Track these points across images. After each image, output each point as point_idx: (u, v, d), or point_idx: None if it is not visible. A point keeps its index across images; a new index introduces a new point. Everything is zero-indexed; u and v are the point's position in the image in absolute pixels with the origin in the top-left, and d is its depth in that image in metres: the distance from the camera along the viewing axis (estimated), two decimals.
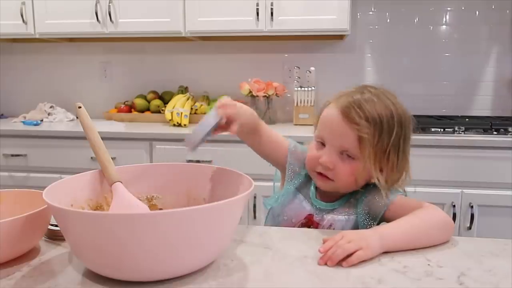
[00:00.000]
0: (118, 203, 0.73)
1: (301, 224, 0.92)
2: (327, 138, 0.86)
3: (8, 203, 0.77)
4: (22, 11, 2.25)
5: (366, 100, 0.83)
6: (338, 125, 0.83)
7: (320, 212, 0.91)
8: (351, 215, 0.90)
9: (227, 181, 0.76)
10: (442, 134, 1.87)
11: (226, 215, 0.61)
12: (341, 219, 0.90)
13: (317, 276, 0.63)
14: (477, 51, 2.32)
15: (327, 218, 0.90)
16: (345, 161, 0.84)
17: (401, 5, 2.34)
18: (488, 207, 1.81)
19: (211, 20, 2.15)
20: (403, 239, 0.73)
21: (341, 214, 0.90)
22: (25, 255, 0.69)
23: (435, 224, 0.77)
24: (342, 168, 0.84)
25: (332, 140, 0.85)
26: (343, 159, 0.84)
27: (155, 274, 0.59)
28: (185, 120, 2.16)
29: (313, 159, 0.88)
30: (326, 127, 0.86)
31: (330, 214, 0.90)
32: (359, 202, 0.90)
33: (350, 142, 0.82)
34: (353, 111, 0.82)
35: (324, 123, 0.87)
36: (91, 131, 0.77)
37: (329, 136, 0.86)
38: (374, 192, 0.88)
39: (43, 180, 2.01)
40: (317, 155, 0.87)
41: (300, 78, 2.29)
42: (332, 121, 0.85)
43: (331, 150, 0.85)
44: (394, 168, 0.85)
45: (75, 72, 2.65)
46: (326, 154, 0.85)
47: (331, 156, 0.85)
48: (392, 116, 0.84)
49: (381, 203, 0.86)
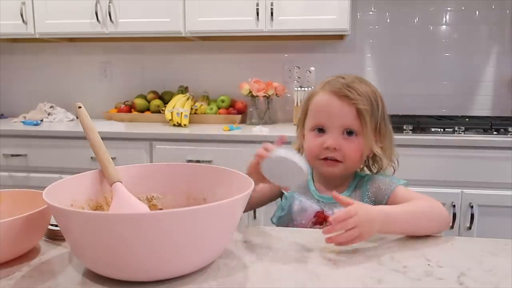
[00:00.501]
0: (118, 203, 0.73)
1: (313, 223, 0.92)
2: (327, 122, 0.89)
3: (8, 203, 0.77)
4: (22, 11, 2.25)
5: (352, 81, 0.90)
6: (336, 106, 0.88)
7: (329, 206, 0.92)
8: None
9: (227, 181, 0.76)
10: (442, 134, 1.87)
11: (226, 215, 0.61)
12: None
13: (317, 276, 0.63)
14: (477, 51, 2.32)
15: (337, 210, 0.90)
16: (348, 140, 0.89)
17: (401, 5, 2.34)
18: (488, 207, 1.81)
19: (211, 20, 2.15)
20: (401, 227, 0.77)
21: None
22: (25, 255, 0.69)
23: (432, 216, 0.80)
24: (348, 146, 0.88)
25: (333, 122, 0.89)
26: (346, 138, 0.89)
27: (155, 274, 0.59)
28: (185, 120, 2.17)
29: (316, 147, 0.90)
30: (324, 112, 0.90)
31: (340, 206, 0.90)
32: (364, 192, 0.92)
33: (351, 118, 0.88)
34: (346, 90, 0.88)
35: (319, 110, 0.91)
36: (91, 131, 0.77)
37: (328, 119, 0.89)
38: (378, 181, 0.92)
39: (43, 180, 2.01)
40: (319, 142, 0.90)
41: (300, 78, 2.29)
42: (329, 104, 0.89)
43: (334, 132, 0.89)
44: (386, 141, 0.92)
45: (75, 72, 2.65)
46: (330, 137, 0.88)
47: (335, 138, 0.88)
48: (374, 93, 0.91)
49: (384, 192, 0.90)
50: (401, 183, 0.91)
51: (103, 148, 0.77)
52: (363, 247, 0.74)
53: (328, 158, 0.89)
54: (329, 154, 0.89)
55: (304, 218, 0.93)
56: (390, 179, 0.92)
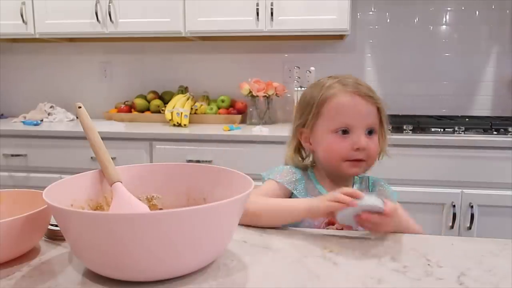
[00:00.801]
0: (118, 203, 0.73)
1: (326, 224, 0.91)
2: (353, 122, 0.90)
3: (8, 203, 0.77)
4: (22, 11, 2.25)
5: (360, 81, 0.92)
6: (362, 106, 0.90)
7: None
8: None
9: (227, 181, 0.76)
10: (442, 134, 1.87)
11: (226, 215, 0.61)
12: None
13: (317, 276, 0.63)
14: (477, 51, 2.32)
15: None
16: (370, 139, 0.91)
17: (401, 5, 2.34)
18: (488, 207, 1.81)
19: (211, 20, 2.15)
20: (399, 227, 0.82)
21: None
22: (25, 255, 0.69)
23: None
24: (372, 145, 0.90)
25: (360, 122, 0.89)
26: (368, 137, 0.91)
27: (155, 274, 0.59)
28: (185, 120, 2.17)
29: (343, 149, 0.90)
30: (349, 113, 0.90)
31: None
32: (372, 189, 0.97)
33: (374, 117, 0.91)
34: (365, 89, 0.90)
35: (343, 111, 0.90)
36: (91, 131, 0.77)
37: (354, 120, 0.90)
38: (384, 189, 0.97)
39: (43, 180, 2.01)
40: (348, 143, 0.89)
41: (300, 78, 2.29)
42: (355, 105, 0.90)
43: (360, 132, 0.89)
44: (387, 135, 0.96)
45: (75, 72, 2.65)
46: (360, 138, 0.89)
47: (363, 138, 0.89)
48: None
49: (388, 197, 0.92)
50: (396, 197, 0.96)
51: (103, 148, 0.77)
52: (363, 247, 0.74)
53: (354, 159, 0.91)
54: (357, 155, 0.90)
55: (317, 220, 0.92)
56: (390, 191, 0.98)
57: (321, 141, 0.93)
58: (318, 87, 0.94)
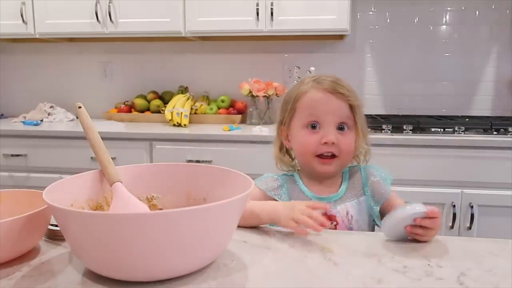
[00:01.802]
0: (118, 203, 0.73)
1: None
2: (323, 117, 0.91)
3: (8, 203, 0.77)
4: (22, 11, 2.25)
5: (338, 80, 0.94)
6: (332, 102, 0.91)
7: (331, 205, 0.92)
8: (360, 196, 0.95)
9: (227, 181, 0.76)
10: (442, 134, 1.87)
11: (226, 215, 0.61)
12: (354, 204, 0.94)
13: (317, 276, 0.63)
14: (477, 51, 2.32)
15: (341, 207, 0.93)
16: (342, 134, 0.91)
17: (401, 5, 2.34)
18: (488, 207, 1.81)
19: (211, 20, 2.15)
20: None
21: (351, 199, 0.94)
22: (25, 255, 0.69)
23: None
24: (344, 140, 0.91)
25: (329, 117, 0.91)
26: (340, 133, 0.91)
27: (155, 274, 0.59)
28: (185, 120, 2.17)
29: (312, 143, 0.91)
30: (319, 108, 0.92)
31: (342, 203, 0.94)
32: (365, 184, 0.95)
33: (346, 113, 0.91)
34: (338, 87, 0.91)
35: (314, 106, 0.92)
36: (91, 131, 0.77)
37: (325, 114, 0.91)
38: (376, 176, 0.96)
39: (43, 180, 2.01)
40: (316, 138, 0.91)
41: (300, 78, 2.29)
42: (326, 100, 0.91)
43: (330, 127, 0.91)
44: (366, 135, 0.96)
45: (75, 72, 2.65)
46: (328, 132, 0.90)
47: (332, 132, 0.90)
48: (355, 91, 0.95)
49: (383, 190, 0.94)
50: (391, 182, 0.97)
51: (103, 148, 0.77)
52: (363, 247, 0.74)
53: (324, 155, 0.91)
54: (326, 149, 0.90)
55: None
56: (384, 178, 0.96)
57: (295, 137, 0.96)
58: (296, 85, 0.99)
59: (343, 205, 0.93)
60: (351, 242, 0.77)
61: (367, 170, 0.98)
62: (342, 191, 0.95)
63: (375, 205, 0.94)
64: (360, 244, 0.76)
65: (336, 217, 0.91)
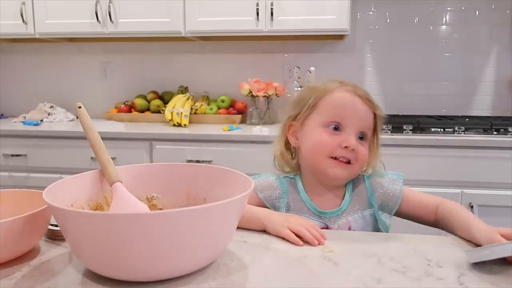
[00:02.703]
0: (118, 203, 0.73)
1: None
2: (348, 120, 0.86)
3: (8, 203, 0.77)
4: (22, 11, 2.25)
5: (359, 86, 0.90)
6: (360, 107, 0.87)
7: (333, 220, 0.89)
8: (365, 209, 0.90)
9: (227, 181, 0.76)
10: (442, 134, 1.87)
11: (226, 215, 0.61)
12: (357, 218, 0.89)
13: (317, 276, 0.63)
14: (477, 51, 2.32)
15: (343, 222, 0.89)
16: (361, 143, 0.87)
17: (401, 5, 2.34)
18: (488, 207, 1.81)
19: (211, 20, 2.15)
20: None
21: (354, 213, 0.90)
22: (25, 255, 0.69)
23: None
24: (362, 149, 0.86)
25: (354, 121, 0.86)
26: (359, 141, 0.87)
27: (155, 274, 0.59)
28: (185, 120, 2.17)
29: (330, 144, 0.85)
30: (346, 110, 0.86)
31: (344, 217, 0.89)
32: (370, 197, 0.91)
33: (370, 123, 0.88)
34: (366, 94, 0.88)
35: (340, 107, 0.87)
36: (91, 131, 0.77)
37: (349, 118, 0.86)
38: (381, 184, 0.91)
39: (43, 180, 2.01)
40: (336, 140, 0.85)
41: (300, 78, 2.29)
42: (354, 104, 0.87)
43: (351, 132, 0.86)
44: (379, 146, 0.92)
45: (75, 72, 2.65)
46: (350, 136, 0.85)
47: (354, 138, 0.85)
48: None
49: (392, 194, 0.89)
50: (401, 181, 0.92)
51: (103, 148, 0.77)
52: (363, 247, 0.74)
53: (339, 159, 0.85)
54: (344, 154, 0.85)
55: None
56: (390, 179, 0.92)
57: (309, 134, 0.89)
58: (318, 84, 0.93)
59: (345, 220, 0.89)
60: (351, 242, 0.77)
61: (372, 180, 0.93)
62: (345, 204, 0.90)
63: (386, 217, 0.90)
64: (360, 244, 0.76)
65: None
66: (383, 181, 0.92)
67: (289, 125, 0.94)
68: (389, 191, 0.90)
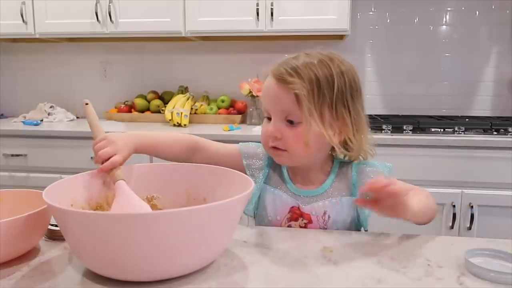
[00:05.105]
0: (120, 202, 0.73)
1: (288, 219, 0.87)
2: (270, 108, 0.84)
3: (8, 203, 0.77)
4: (22, 11, 2.25)
5: (297, 61, 0.83)
6: (274, 91, 0.82)
7: (308, 201, 0.87)
8: (344, 196, 0.87)
9: (227, 181, 0.76)
10: (442, 134, 1.87)
11: (226, 215, 0.61)
12: (335, 202, 0.86)
13: (317, 276, 0.63)
14: (477, 51, 2.32)
15: (318, 205, 0.86)
16: (291, 127, 0.81)
17: (401, 5, 2.34)
18: (488, 207, 1.81)
19: (211, 20, 2.15)
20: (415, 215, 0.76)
21: (334, 197, 0.86)
22: (25, 255, 0.69)
23: (432, 207, 0.85)
24: (289, 134, 0.81)
25: (273, 107, 0.83)
26: (289, 126, 0.82)
27: (155, 274, 0.59)
28: (185, 120, 2.17)
29: (264, 135, 0.86)
30: (267, 97, 0.84)
31: (320, 200, 0.86)
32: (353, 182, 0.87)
33: (289, 104, 0.80)
34: (285, 73, 0.81)
35: (264, 95, 0.86)
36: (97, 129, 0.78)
37: (270, 105, 0.83)
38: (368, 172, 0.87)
39: (43, 180, 2.01)
40: (267, 130, 0.84)
41: None
42: (270, 89, 0.83)
43: (276, 119, 0.82)
44: (349, 126, 0.82)
45: (75, 72, 2.65)
46: (272, 124, 0.83)
47: (277, 125, 0.82)
48: (330, 72, 0.81)
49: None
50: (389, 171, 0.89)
51: None
52: (363, 247, 0.74)
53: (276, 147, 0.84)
54: (272, 142, 0.83)
55: (278, 214, 0.88)
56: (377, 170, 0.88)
57: None
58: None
59: (321, 203, 0.86)
60: (351, 242, 0.77)
61: (361, 169, 0.88)
62: (324, 188, 0.87)
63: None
64: (360, 244, 0.76)
65: (310, 215, 0.86)
66: (370, 170, 0.88)
67: None
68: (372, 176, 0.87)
